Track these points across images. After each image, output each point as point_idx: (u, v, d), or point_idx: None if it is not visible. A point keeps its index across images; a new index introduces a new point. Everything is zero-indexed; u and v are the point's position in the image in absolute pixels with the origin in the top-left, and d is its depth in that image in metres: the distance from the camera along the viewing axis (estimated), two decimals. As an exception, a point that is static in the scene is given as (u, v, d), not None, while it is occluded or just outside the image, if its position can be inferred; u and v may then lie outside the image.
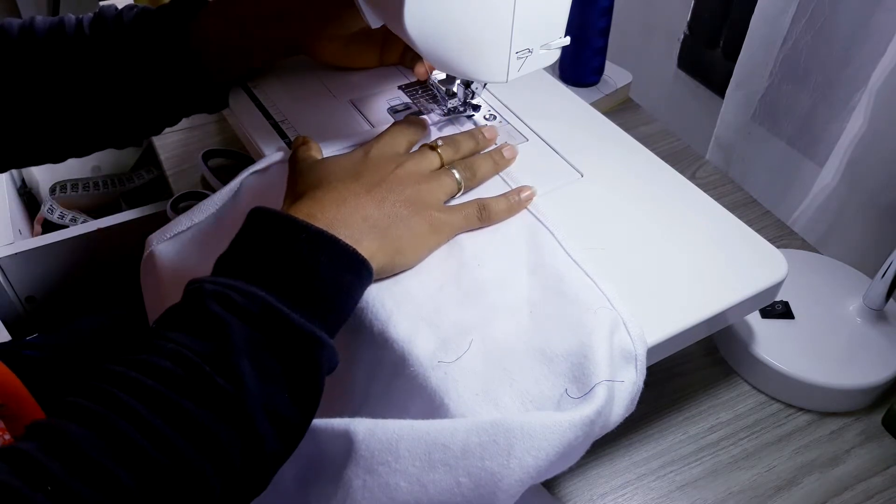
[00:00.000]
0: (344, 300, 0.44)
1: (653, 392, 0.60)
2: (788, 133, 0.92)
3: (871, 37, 0.78)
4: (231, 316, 0.39)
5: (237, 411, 0.38)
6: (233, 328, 0.39)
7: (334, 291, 0.43)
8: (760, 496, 0.54)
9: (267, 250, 0.43)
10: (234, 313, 0.39)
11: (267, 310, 0.40)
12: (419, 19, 0.48)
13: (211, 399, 0.37)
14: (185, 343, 0.38)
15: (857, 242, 0.80)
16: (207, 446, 0.36)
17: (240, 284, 0.41)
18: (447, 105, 0.63)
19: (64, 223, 0.94)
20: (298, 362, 0.40)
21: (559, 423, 0.39)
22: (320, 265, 0.43)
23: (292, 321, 0.40)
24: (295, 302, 0.41)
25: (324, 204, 0.47)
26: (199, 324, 0.39)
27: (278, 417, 0.39)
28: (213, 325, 0.39)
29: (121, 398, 0.36)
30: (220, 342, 0.39)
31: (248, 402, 0.38)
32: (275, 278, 0.42)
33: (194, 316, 0.40)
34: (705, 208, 0.57)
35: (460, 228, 0.52)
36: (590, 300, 0.47)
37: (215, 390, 0.37)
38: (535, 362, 0.44)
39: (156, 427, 0.35)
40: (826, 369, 0.58)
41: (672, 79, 1.19)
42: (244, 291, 0.40)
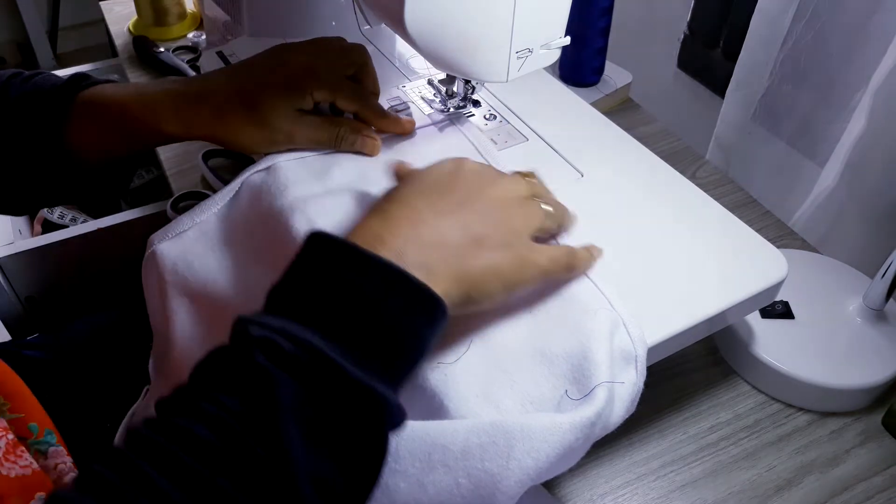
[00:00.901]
0: (412, 346, 0.38)
1: (653, 392, 0.60)
2: (788, 133, 0.92)
3: (871, 37, 0.78)
4: (277, 370, 0.34)
5: (280, 485, 0.32)
6: (279, 385, 0.33)
7: (400, 337, 0.37)
8: (760, 496, 0.54)
9: (322, 284, 0.37)
10: (281, 366, 0.34)
11: (318, 359, 0.34)
12: (419, 19, 0.48)
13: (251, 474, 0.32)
14: (226, 404, 0.33)
15: (857, 242, 0.80)
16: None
17: (290, 327, 0.35)
18: (447, 105, 0.63)
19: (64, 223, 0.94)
20: (353, 423, 0.35)
21: (559, 425, 0.39)
22: (384, 306, 0.37)
23: (347, 373, 0.34)
24: (352, 349, 0.35)
25: (396, 223, 0.41)
26: (242, 378, 0.34)
27: (327, 489, 0.34)
28: (257, 382, 0.34)
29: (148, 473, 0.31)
30: (263, 404, 0.33)
31: (293, 472, 0.33)
32: (330, 320, 0.36)
33: (237, 368, 0.35)
34: (705, 208, 0.57)
35: (546, 273, 0.45)
36: (589, 301, 0.47)
37: (256, 464, 0.32)
38: (535, 363, 0.44)
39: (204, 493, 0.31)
40: (826, 369, 0.58)
41: (672, 79, 1.19)
42: (293, 337, 0.34)
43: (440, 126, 0.62)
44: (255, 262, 0.52)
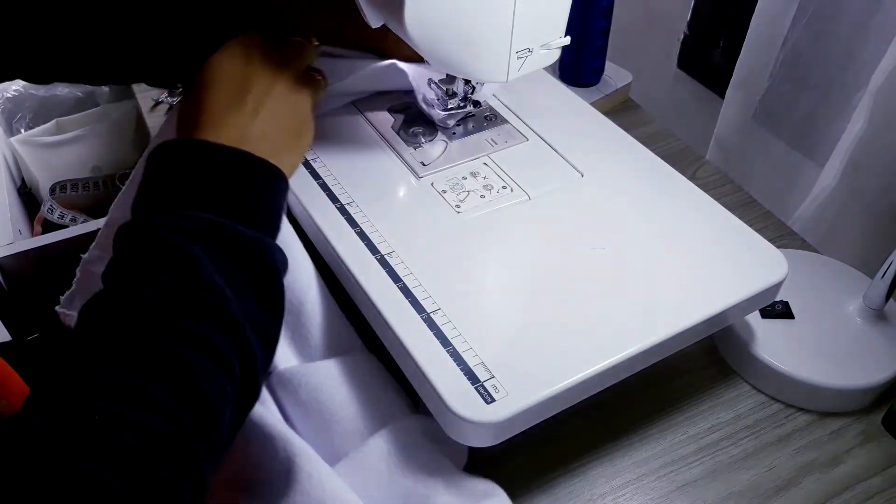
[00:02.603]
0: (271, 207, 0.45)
1: (653, 392, 0.60)
2: (788, 133, 0.92)
3: (871, 37, 0.78)
4: (186, 241, 0.40)
5: (229, 323, 0.38)
6: (195, 252, 0.39)
7: (263, 200, 0.45)
8: (760, 496, 0.54)
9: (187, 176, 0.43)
10: (189, 238, 0.40)
11: (216, 228, 0.41)
12: (419, 19, 0.48)
13: (206, 315, 0.38)
14: (163, 274, 0.39)
15: (857, 242, 0.80)
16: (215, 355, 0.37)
17: (180, 212, 0.41)
18: (448, 105, 0.63)
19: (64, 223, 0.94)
20: (259, 269, 0.42)
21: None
22: (243, 178, 0.44)
23: (242, 233, 0.41)
24: (234, 217, 0.42)
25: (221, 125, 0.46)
26: (164, 256, 0.39)
27: (256, 325, 0.40)
28: (178, 254, 0.39)
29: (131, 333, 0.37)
30: (190, 266, 0.39)
31: (233, 311, 0.39)
32: (206, 199, 0.42)
33: (154, 250, 0.40)
34: (705, 208, 0.57)
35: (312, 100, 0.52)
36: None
37: (207, 306, 0.38)
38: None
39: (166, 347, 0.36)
40: (826, 369, 0.58)
41: (672, 79, 1.19)
42: (189, 216, 0.41)
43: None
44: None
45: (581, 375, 0.46)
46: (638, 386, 0.59)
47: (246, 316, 0.40)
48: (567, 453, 0.57)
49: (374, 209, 0.55)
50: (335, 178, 0.58)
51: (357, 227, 0.54)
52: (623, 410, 0.59)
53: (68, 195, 0.99)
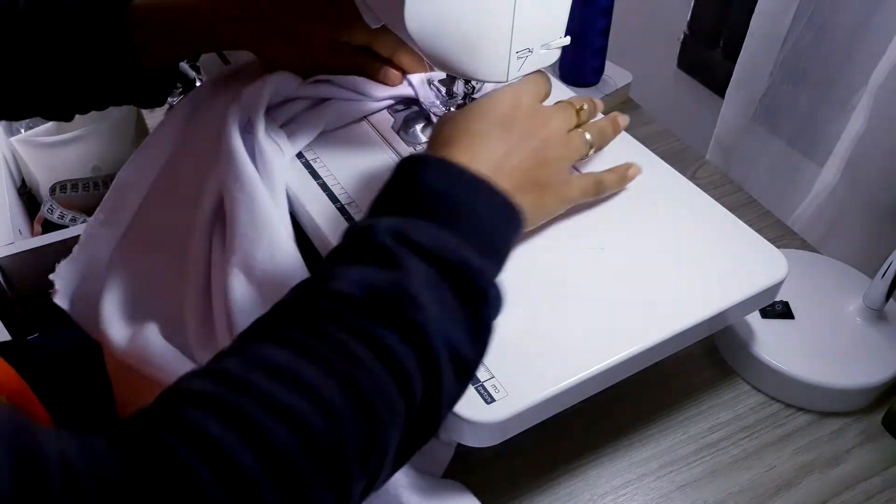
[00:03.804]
0: (501, 244, 0.43)
1: (653, 392, 0.60)
2: (788, 133, 0.92)
3: (871, 37, 0.78)
4: (405, 249, 0.38)
5: (419, 339, 0.36)
6: (409, 260, 0.38)
7: (494, 234, 0.43)
8: (760, 496, 0.54)
9: (426, 191, 0.42)
10: (407, 247, 0.38)
11: (442, 246, 0.39)
12: (419, 19, 0.48)
13: (393, 322, 0.36)
14: (363, 273, 0.37)
15: (857, 242, 0.80)
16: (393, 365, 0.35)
17: (409, 220, 0.40)
18: (447, 105, 0.63)
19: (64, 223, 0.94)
20: (472, 298, 0.39)
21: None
22: (480, 207, 0.42)
23: (465, 256, 0.39)
24: (462, 239, 0.40)
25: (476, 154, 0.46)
26: (373, 256, 0.38)
27: (455, 354, 0.37)
28: (388, 257, 0.38)
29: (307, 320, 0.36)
30: (398, 272, 0.37)
31: (430, 330, 0.36)
32: (439, 216, 0.41)
33: (366, 250, 0.39)
34: (705, 208, 0.57)
35: (575, 201, 0.54)
36: None
37: (397, 314, 0.36)
38: None
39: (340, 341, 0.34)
40: (826, 369, 0.58)
41: (672, 79, 1.18)
42: (416, 228, 0.39)
43: None
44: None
45: (581, 375, 0.46)
46: (638, 386, 0.59)
47: (445, 341, 0.37)
48: (567, 453, 0.57)
49: (374, 209, 0.55)
50: (335, 178, 0.58)
51: (357, 227, 0.54)
52: (623, 410, 0.59)
53: (68, 195, 0.99)
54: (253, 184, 0.52)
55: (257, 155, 0.55)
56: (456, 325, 0.38)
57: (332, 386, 0.33)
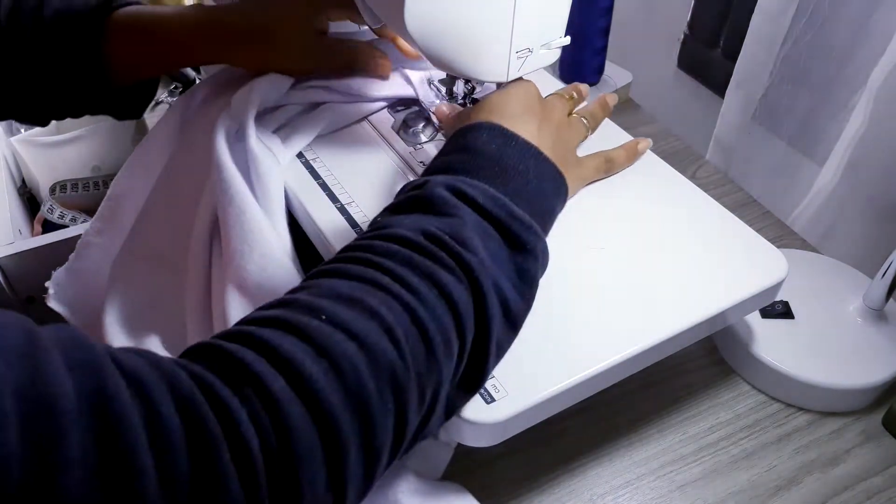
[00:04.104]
0: (547, 207, 0.47)
1: (653, 392, 0.60)
2: (788, 133, 0.92)
3: (871, 37, 0.78)
4: (458, 200, 0.41)
5: (471, 279, 0.38)
6: (461, 209, 0.41)
7: (540, 196, 0.46)
8: (760, 496, 0.54)
9: (478, 152, 0.45)
10: (460, 198, 0.42)
11: (493, 199, 0.42)
12: (419, 19, 0.48)
13: (447, 262, 0.38)
14: (418, 220, 0.40)
15: (857, 242, 0.80)
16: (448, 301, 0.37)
17: (463, 178, 0.43)
18: (447, 105, 0.63)
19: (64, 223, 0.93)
20: (519, 249, 0.42)
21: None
22: (529, 170, 0.45)
23: (513, 210, 0.42)
24: (511, 196, 0.43)
25: (517, 126, 0.48)
26: (427, 207, 0.41)
27: (504, 300, 0.40)
28: (442, 207, 0.41)
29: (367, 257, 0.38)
30: (451, 219, 0.40)
31: (480, 272, 0.39)
32: (490, 174, 0.44)
33: (421, 201, 0.42)
34: (705, 208, 0.57)
35: (588, 180, 0.57)
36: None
37: (451, 254, 0.39)
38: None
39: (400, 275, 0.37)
40: (826, 369, 0.58)
41: (672, 79, 1.18)
42: (469, 183, 0.42)
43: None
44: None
45: (581, 375, 0.46)
46: (638, 386, 0.59)
47: (494, 285, 0.39)
48: (567, 453, 0.57)
49: (374, 209, 0.55)
50: (335, 178, 0.58)
51: (357, 227, 0.54)
52: (623, 410, 0.59)
53: (68, 195, 0.99)
54: (241, 196, 0.52)
55: (250, 164, 0.54)
56: (504, 272, 0.41)
57: (394, 312, 0.35)
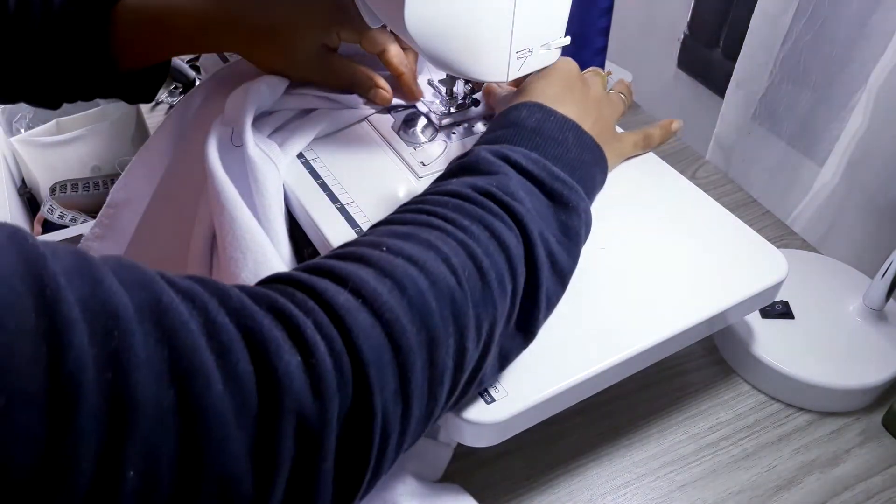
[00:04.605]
0: (588, 176, 0.49)
1: (653, 392, 0.61)
2: (788, 133, 0.92)
3: (871, 37, 0.78)
4: (503, 162, 0.44)
5: (520, 226, 0.41)
6: (507, 169, 0.43)
7: (581, 164, 0.48)
8: (760, 496, 0.54)
9: (520, 126, 0.48)
10: (505, 161, 0.44)
11: (535, 161, 0.45)
12: (420, 19, 0.48)
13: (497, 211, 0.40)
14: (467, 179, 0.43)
15: (857, 242, 0.80)
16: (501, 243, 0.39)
17: (506, 146, 0.46)
18: (448, 105, 0.63)
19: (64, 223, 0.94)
20: (563, 206, 0.44)
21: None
22: (568, 140, 0.48)
23: (555, 171, 0.45)
24: (552, 161, 0.46)
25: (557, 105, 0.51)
26: (474, 169, 0.44)
27: (550, 251, 0.42)
28: (488, 167, 0.43)
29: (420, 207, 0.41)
30: (497, 176, 0.43)
31: (530, 223, 0.41)
32: (533, 144, 0.47)
33: (468, 166, 0.44)
34: (705, 208, 0.57)
35: (627, 155, 0.59)
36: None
37: (501, 204, 0.41)
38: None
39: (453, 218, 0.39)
40: (826, 369, 0.58)
41: (672, 79, 1.18)
42: (511, 149, 0.45)
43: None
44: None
45: (581, 375, 0.46)
46: (638, 386, 0.59)
47: (541, 235, 0.41)
48: (567, 453, 0.57)
49: (374, 209, 0.55)
50: (335, 178, 0.58)
51: (357, 227, 0.54)
52: (623, 410, 0.59)
53: (68, 195, 0.99)
54: (233, 203, 0.52)
55: (248, 169, 0.54)
56: (549, 225, 0.43)
57: (450, 246, 0.37)
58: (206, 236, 0.54)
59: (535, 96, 0.51)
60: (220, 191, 0.52)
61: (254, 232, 0.51)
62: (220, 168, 0.53)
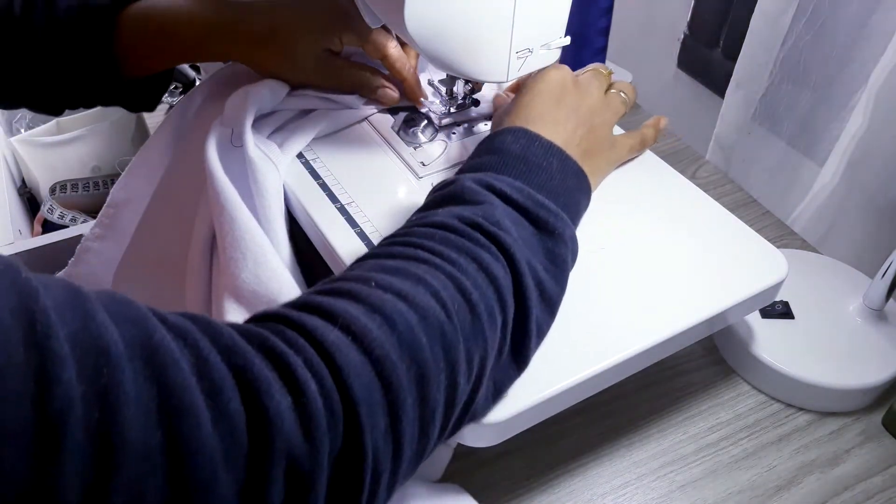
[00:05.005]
0: (572, 202, 0.48)
1: (653, 392, 0.61)
2: (788, 133, 0.92)
3: (871, 37, 0.78)
4: (488, 191, 0.43)
5: (507, 256, 0.40)
6: (492, 198, 0.43)
7: (565, 190, 0.47)
8: (760, 496, 0.54)
9: (504, 152, 0.47)
10: (489, 190, 0.43)
11: (519, 190, 0.44)
12: (420, 19, 0.48)
13: (484, 241, 0.40)
14: (452, 209, 0.42)
15: (857, 242, 0.80)
16: (489, 275, 0.39)
17: (489, 173, 0.45)
18: (448, 105, 0.63)
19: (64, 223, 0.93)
20: (548, 234, 0.44)
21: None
22: (552, 167, 0.47)
23: (539, 199, 0.44)
24: (536, 189, 0.45)
25: (541, 127, 0.50)
26: (459, 199, 0.43)
27: (538, 280, 0.41)
28: (473, 197, 0.43)
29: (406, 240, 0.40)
30: (483, 205, 0.42)
31: (517, 253, 0.40)
32: (517, 172, 0.46)
33: (453, 195, 0.44)
34: (705, 208, 0.57)
35: (622, 160, 0.59)
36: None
37: (487, 234, 0.40)
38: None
39: (440, 251, 0.38)
40: (826, 369, 0.58)
41: (672, 79, 1.18)
42: (495, 177, 0.45)
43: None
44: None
45: (581, 375, 0.46)
46: (638, 386, 0.59)
47: (528, 264, 0.41)
48: (567, 453, 0.57)
49: (374, 209, 0.55)
50: (335, 178, 0.58)
51: (357, 227, 0.54)
52: (623, 410, 0.59)
53: (68, 195, 0.99)
54: (232, 204, 0.52)
55: (249, 170, 0.54)
56: (536, 253, 0.42)
57: (439, 280, 0.37)
58: (206, 236, 0.54)
59: (522, 115, 0.51)
60: (220, 191, 0.52)
61: (254, 232, 0.51)
62: (220, 168, 0.53)
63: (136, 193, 0.62)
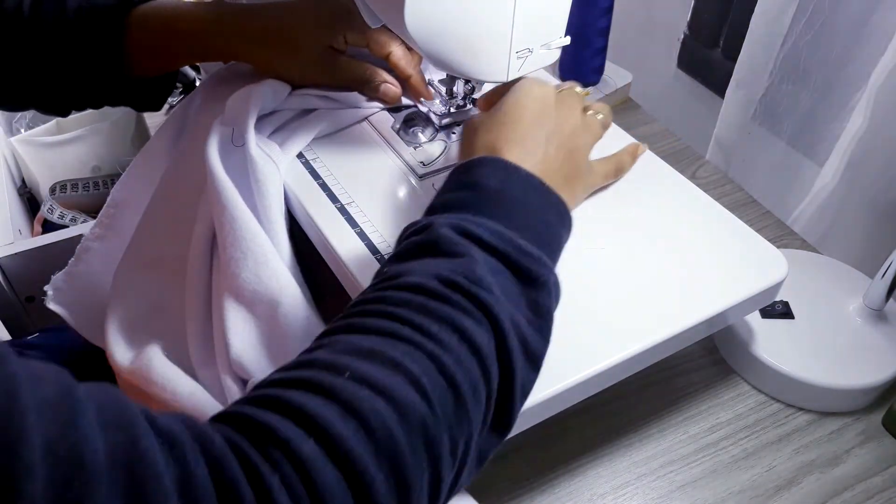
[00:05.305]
0: (554, 239, 0.45)
1: (653, 392, 0.61)
2: (788, 133, 0.92)
3: (871, 37, 0.78)
4: (465, 240, 0.40)
5: (490, 319, 0.37)
6: (470, 248, 0.40)
7: (546, 227, 0.44)
8: (760, 496, 0.54)
9: (481, 188, 0.44)
10: (467, 238, 0.40)
11: (499, 235, 0.41)
12: (420, 19, 0.48)
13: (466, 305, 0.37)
14: (429, 265, 0.39)
15: (857, 242, 0.80)
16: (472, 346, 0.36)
17: (466, 215, 0.42)
18: (448, 105, 0.63)
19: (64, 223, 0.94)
20: (531, 283, 0.41)
21: None
22: (532, 203, 0.44)
23: (520, 245, 0.41)
24: (517, 231, 0.42)
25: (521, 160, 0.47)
26: (436, 250, 0.40)
27: (522, 337, 0.39)
28: (451, 248, 0.39)
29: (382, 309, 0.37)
30: (462, 259, 0.39)
31: (501, 313, 0.38)
32: (496, 213, 0.42)
33: (429, 245, 0.40)
34: (705, 208, 0.57)
35: (597, 186, 0.56)
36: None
37: (468, 296, 0.37)
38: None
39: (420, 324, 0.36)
40: (826, 369, 0.58)
41: (672, 79, 1.19)
42: (473, 221, 0.41)
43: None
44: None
45: (581, 375, 0.46)
46: (638, 386, 0.59)
47: (512, 322, 0.38)
48: (567, 453, 0.57)
49: (374, 209, 0.55)
50: (335, 178, 0.58)
51: (357, 227, 0.54)
52: (623, 410, 0.59)
53: (68, 195, 0.99)
54: (233, 204, 0.52)
55: (249, 169, 0.54)
56: (518, 308, 0.39)
57: (419, 362, 0.34)
58: (207, 236, 0.54)
59: (502, 137, 0.48)
60: (221, 191, 0.52)
61: (254, 232, 0.51)
62: (221, 168, 0.53)
63: (136, 193, 0.62)
